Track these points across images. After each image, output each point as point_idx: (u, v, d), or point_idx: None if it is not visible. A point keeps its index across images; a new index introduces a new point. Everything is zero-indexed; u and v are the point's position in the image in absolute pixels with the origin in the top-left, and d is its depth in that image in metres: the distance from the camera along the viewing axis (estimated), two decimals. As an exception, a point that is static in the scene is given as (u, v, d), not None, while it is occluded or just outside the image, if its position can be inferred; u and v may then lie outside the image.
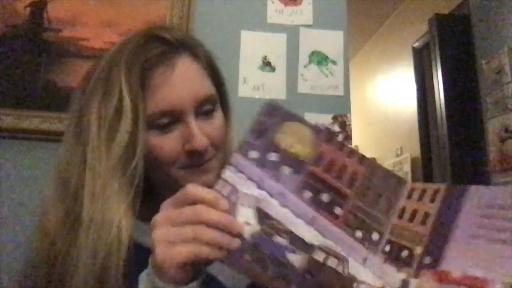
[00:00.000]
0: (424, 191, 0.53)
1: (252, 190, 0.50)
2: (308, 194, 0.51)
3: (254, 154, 0.52)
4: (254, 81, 1.51)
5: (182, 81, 0.62)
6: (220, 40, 1.52)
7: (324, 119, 1.49)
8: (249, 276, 0.49)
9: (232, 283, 0.62)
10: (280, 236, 0.49)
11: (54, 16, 1.45)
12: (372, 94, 4.07)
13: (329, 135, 0.55)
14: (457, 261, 0.46)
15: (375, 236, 0.51)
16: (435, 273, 0.47)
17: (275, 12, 1.57)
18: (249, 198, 0.50)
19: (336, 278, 0.48)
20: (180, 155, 0.61)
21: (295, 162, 0.52)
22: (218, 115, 0.67)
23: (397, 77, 3.50)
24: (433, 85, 2.64)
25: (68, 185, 0.60)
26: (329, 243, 0.50)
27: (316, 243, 0.49)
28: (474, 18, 2.44)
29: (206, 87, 0.65)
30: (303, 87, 1.52)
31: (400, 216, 0.52)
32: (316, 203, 0.51)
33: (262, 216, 0.49)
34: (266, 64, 1.53)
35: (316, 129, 0.54)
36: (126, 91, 0.59)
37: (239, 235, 0.47)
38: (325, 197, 0.52)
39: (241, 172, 0.51)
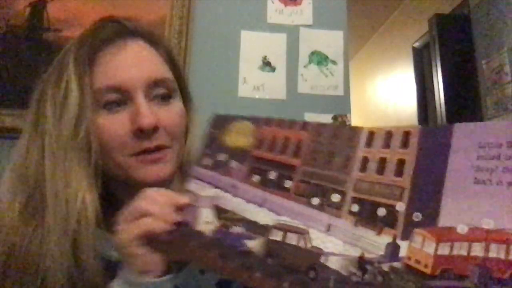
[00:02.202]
0: (389, 135, 0.46)
1: (208, 191, 0.53)
2: (256, 178, 0.52)
3: (207, 161, 0.56)
4: (254, 81, 1.51)
5: (133, 59, 0.61)
6: (220, 40, 1.52)
7: (324, 119, 1.49)
8: (216, 271, 0.50)
9: None
10: (236, 225, 0.50)
11: (54, 16, 1.45)
12: (372, 94, 4.07)
13: (268, 119, 0.55)
14: (459, 214, 0.38)
15: (335, 197, 0.46)
16: (433, 232, 0.39)
17: (275, 12, 1.57)
18: (206, 200, 0.52)
19: (299, 254, 0.45)
20: (128, 137, 0.58)
21: (240, 154, 0.54)
22: (176, 103, 0.65)
23: (397, 77, 3.49)
24: (433, 85, 2.64)
25: (26, 175, 0.59)
26: (284, 219, 0.48)
27: (271, 223, 0.48)
28: (474, 18, 2.44)
29: (159, 70, 0.63)
30: (303, 87, 1.52)
31: (363, 169, 0.46)
32: (264, 183, 0.52)
33: (219, 212, 0.51)
34: (266, 64, 1.53)
35: (254, 119, 0.55)
36: (72, 69, 0.59)
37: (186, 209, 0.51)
38: (272, 175, 0.52)
39: (199, 179, 0.54)
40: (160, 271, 0.51)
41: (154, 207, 0.50)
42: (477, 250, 0.36)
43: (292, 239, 0.46)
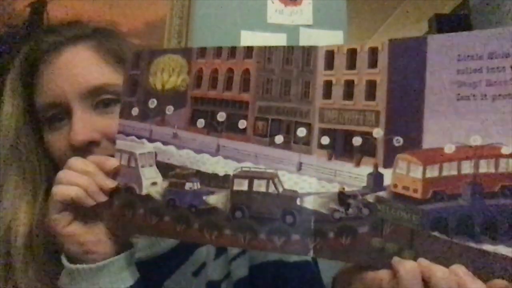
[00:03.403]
0: (352, 53, 0.40)
1: (146, 147, 0.46)
2: (201, 122, 0.45)
3: (135, 111, 0.47)
4: (254, 81, 1.51)
5: (66, 70, 0.56)
6: (220, 40, 1.52)
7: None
8: (175, 238, 0.45)
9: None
10: (190, 181, 0.44)
11: (54, 16, 1.44)
12: (372, 94, 4.07)
13: (201, 49, 0.46)
14: (443, 134, 0.36)
15: (300, 132, 0.41)
16: (418, 155, 0.36)
17: (275, 12, 1.57)
18: (146, 157, 0.46)
19: (271, 201, 0.40)
20: (71, 154, 0.53)
21: (176, 96, 0.46)
22: None
23: (397, 77, 3.49)
24: (433, 85, 2.64)
25: None
26: (247, 165, 0.42)
27: (231, 172, 0.42)
28: (474, 18, 2.44)
29: (97, 76, 0.56)
30: (303, 87, 1.53)
31: (327, 95, 0.41)
32: (213, 127, 0.44)
33: (165, 169, 0.45)
34: (266, 64, 1.53)
35: (184, 51, 0.47)
36: (7, 88, 0.59)
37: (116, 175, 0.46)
38: (220, 116, 0.44)
39: (130, 134, 0.47)
40: (108, 251, 0.46)
41: (80, 178, 0.45)
42: (467, 168, 0.35)
43: (260, 186, 0.41)
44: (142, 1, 1.50)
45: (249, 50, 0.45)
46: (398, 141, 0.37)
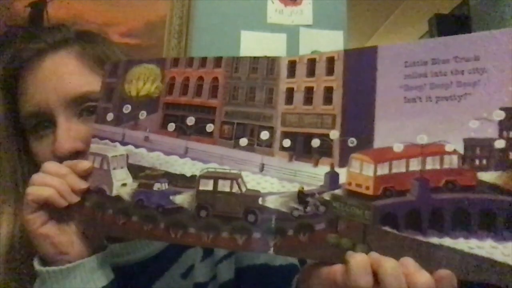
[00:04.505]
0: (311, 62, 0.44)
1: (118, 150, 0.49)
2: (172, 126, 0.48)
3: (110, 116, 0.50)
4: (254, 81, 1.51)
5: (49, 78, 0.55)
6: (220, 40, 1.52)
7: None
8: (144, 238, 0.47)
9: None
10: (159, 182, 0.46)
11: (54, 16, 1.45)
12: (372, 94, 4.07)
13: (174, 59, 0.51)
14: (393, 134, 0.39)
15: (264, 135, 0.44)
16: (370, 154, 0.39)
17: (275, 12, 1.57)
18: (118, 159, 0.49)
19: (234, 200, 0.43)
20: (55, 160, 0.53)
21: (149, 102, 0.49)
22: None
23: (397, 77, 3.50)
24: (433, 85, 2.64)
25: None
26: (212, 166, 0.45)
27: (198, 173, 0.45)
28: (474, 18, 2.44)
29: (80, 84, 0.55)
30: (303, 87, 1.53)
31: (289, 101, 0.44)
32: (182, 131, 0.48)
33: (136, 170, 0.47)
34: (266, 64, 1.53)
35: (159, 60, 0.51)
36: None
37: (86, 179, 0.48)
38: (190, 120, 0.47)
39: (104, 138, 0.50)
40: (82, 253, 0.47)
41: (52, 179, 0.46)
42: (415, 165, 0.38)
43: (224, 186, 0.43)
44: (142, 1, 1.50)
45: (218, 60, 0.49)
46: (352, 141, 0.40)
